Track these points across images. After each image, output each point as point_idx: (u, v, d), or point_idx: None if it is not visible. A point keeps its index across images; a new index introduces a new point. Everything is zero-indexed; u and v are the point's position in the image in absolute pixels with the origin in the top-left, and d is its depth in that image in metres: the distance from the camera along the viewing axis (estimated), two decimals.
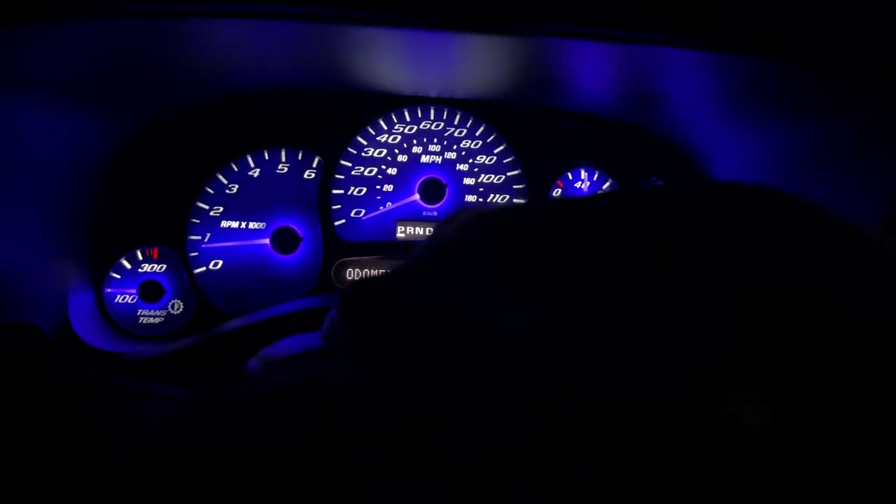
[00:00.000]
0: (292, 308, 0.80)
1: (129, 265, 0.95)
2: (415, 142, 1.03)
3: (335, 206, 1.01)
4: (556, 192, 1.06)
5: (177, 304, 0.97)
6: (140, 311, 0.95)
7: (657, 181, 1.04)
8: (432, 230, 0.30)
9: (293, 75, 0.90)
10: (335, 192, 1.01)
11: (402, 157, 1.03)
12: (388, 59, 0.83)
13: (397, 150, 1.03)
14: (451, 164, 1.04)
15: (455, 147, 1.04)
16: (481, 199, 1.04)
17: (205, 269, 0.98)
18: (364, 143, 1.02)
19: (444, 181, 1.03)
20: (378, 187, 1.03)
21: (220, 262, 0.98)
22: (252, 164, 1.00)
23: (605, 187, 1.07)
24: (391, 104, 1.02)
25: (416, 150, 1.03)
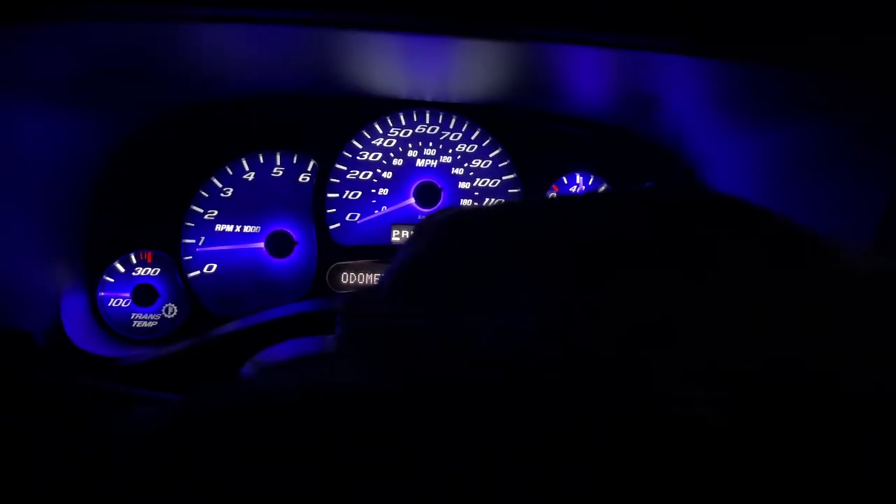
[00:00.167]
0: (287, 312, 0.80)
1: (122, 269, 0.95)
2: (410, 146, 1.03)
3: (330, 210, 1.01)
4: (552, 196, 1.06)
5: (171, 307, 0.96)
6: (134, 315, 0.95)
7: (651, 185, 1.04)
8: (413, 231, 0.30)
9: (288, 79, 0.90)
10: (330, 195, 1.01)
11: (398, 161, 1.03)
12: (384, 63, 0.83)
13: (392, 154, 1.03)
14: (446, 167, 1.04)
15: (450, 151, 1.04)
16: (476, 203, 1.05)
17: (199, 272, 0.97)
18: (359, 146, 1.02)
19: (439, 185, 1.03)
20: (373, 191, 1.03)
21: (215, 265, 0.98)
22: (247, 168, 0.99)
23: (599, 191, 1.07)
24: (387, 108, 1.02)
25: (412, 153, 1.03)
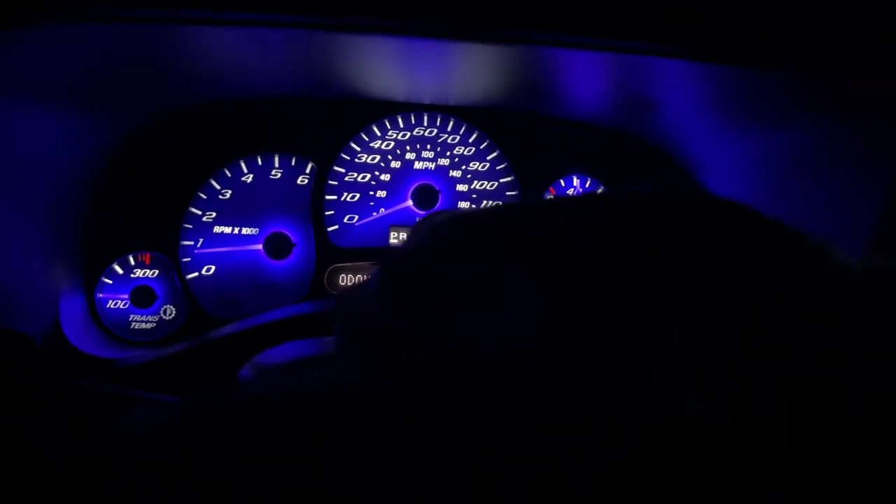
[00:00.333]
0: (285, 314, 0.80)
1: (121, 270, 0.95)
2: (408, 148, 1.04)
3: (328, 212, 1.01)
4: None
5: (169, 309, 0.97)
6: (132, 317, 0.95)
7: (648, 187, 1.05)
8: (408, 234, 0.30)
9: (287, 82, 0.90)
10: (328, 197, 1.01)
11: (396, 164, 1.03)
12: (382, 66, 0.83)
13: (390, 157, 1.03)
14: (444, 170, 1.04)
15: (448, 153, 1.04)
16: (474, 206, 1.05)
17: (197, 274, 0.97)
18: (357, 149, 1.03)
19: (437, 187, 1.03)
20: (371, 193, 1.03)
21: (213, 267, 0.98)
22: (245, 170, 1.00)
23: None
24: (385, 111, 1.02)
25: (410, 156, 1.04)
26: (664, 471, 0.17)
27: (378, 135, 1.03)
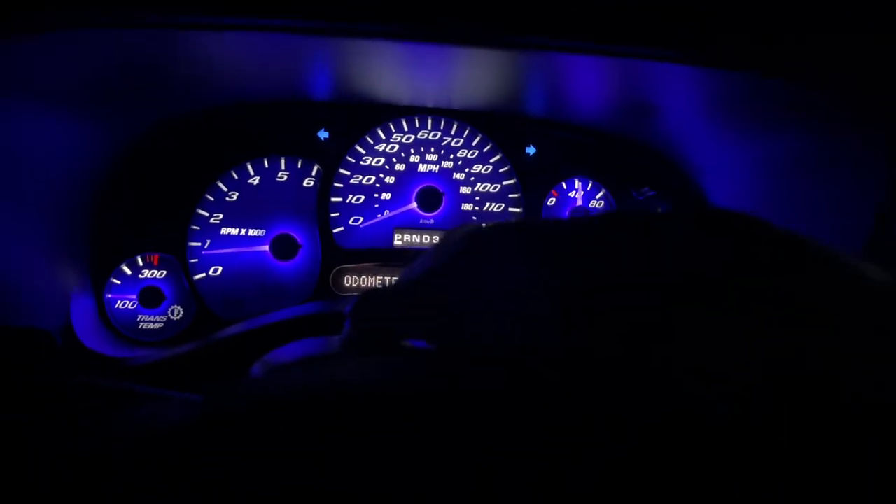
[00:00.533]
0: (291, 314, 0.81)
1: (129, 271, 0.96)
2: (412, 151, 1.05)
3: (334, 214, 1.02)
4: (551, 201, 1.07)
5: (176, 309, 0.98)
6: (140, 317, 0.96)
7: (649, 191, 1.06)
8: (439, 240, 0.30)
9: (294, 86, 0.92)
10: (334, 199, 1.02)
11: (400, 166, 1.05)
12: (387, 70, 0.84)
13: (395, 160, 1.05)
14: (447, 173, 1.06)
15: (452, 156, 1.06)
16: (477, 208, 1.06)
17: (205, 275, 0.99)
18: (363, 152, 1.04)
19: (440, 190, 1.04)
20: (376, 195, 1.04)
21: (220, 268, 0.99)
22: (252, 172, 1.01)
23: (598, 197, 1.09)
24: (389, 114, 1.04)
25: (414, 159, 1.05)
26: (664, 469, 0.18)
27: (383, 138, 1.04)
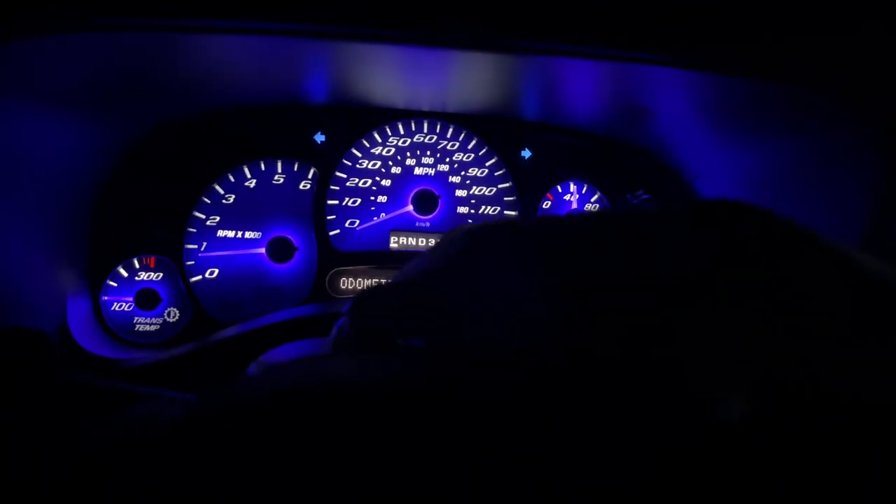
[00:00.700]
0: (287, 316, 0.81)
1: (125, 273, 0.96)
2: (408, 154, 1.05)
3: (330, 217, 1.03)
4: (546, 205, 1.08)
5: (173, 312, 0.98)
6: (136, 319, 0.97)
7: (644, 194, 1.06)
8: (437, 241, 0.30)
9: (292, 89, 0.92)
10: (330, 202, 1.03)
11: (396, 169, 1.05)
12: (384, 74, 0.85)
13: (391, 163, 1.05)
14: (443, 176, 1.06)
15: (448, 160, 1.06)
16: (473, 211, 1.06)
17: (201, 277, 0.99)
18: (359, 155, 1.04)
19: (436, 193, 1.05)
20: (372, 198, 1.05)
21: (216, 270, 1.00)
22: (248, 175, 1.01)
23: (593, 200, 1.09)
24: (385, 117, 1.04)
25: (410, 162, 1.06)
26: (663, 469, 0.18)
27: (379, 141, 1.05)
